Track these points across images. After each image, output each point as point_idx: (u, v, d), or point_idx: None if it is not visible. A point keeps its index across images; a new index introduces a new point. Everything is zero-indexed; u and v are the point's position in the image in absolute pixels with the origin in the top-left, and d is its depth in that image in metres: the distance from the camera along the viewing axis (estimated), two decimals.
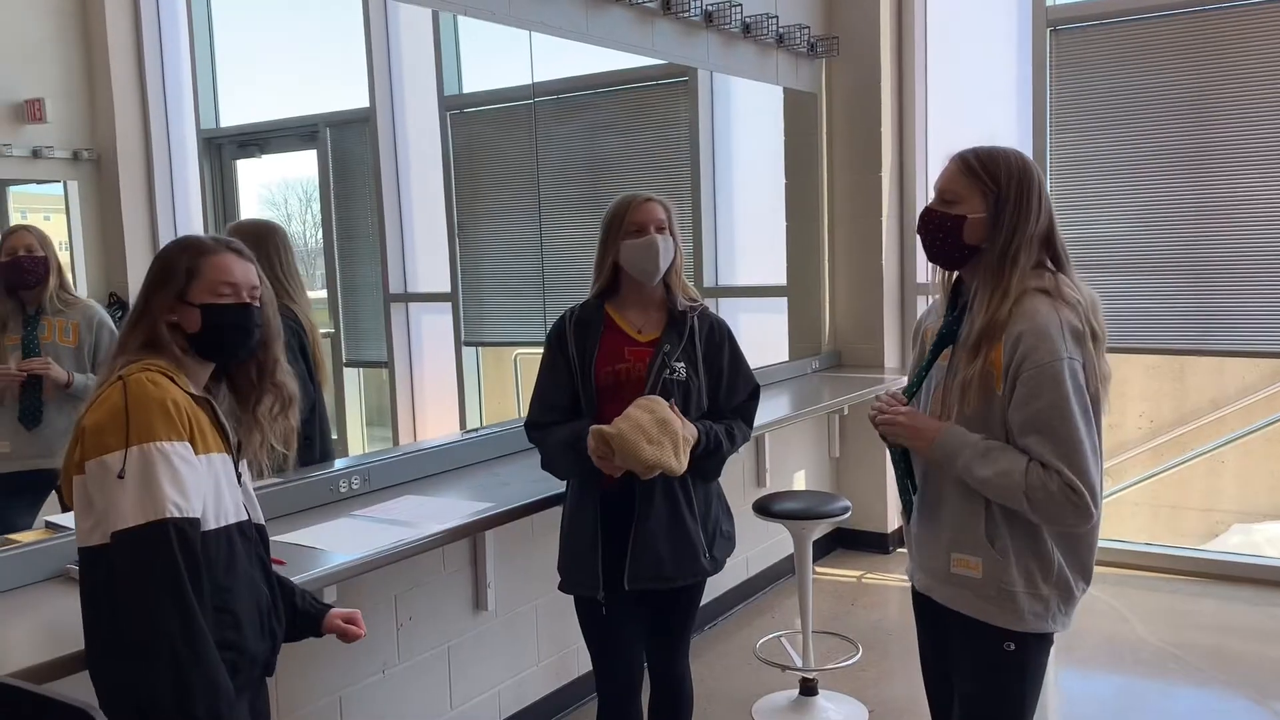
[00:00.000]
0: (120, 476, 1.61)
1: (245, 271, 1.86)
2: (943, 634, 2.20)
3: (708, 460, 2.56)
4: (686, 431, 2.46)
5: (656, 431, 2.39)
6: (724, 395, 2.64)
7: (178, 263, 1.82)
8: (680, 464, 2.42)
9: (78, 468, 1.67)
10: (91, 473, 1.64)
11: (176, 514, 1.64)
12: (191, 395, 1.76)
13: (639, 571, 2.54)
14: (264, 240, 2.95)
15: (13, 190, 4.01)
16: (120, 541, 1.61)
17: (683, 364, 2.57)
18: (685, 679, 2.78)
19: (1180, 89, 4.60)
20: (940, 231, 2.05)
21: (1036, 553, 2.02)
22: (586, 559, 2.58)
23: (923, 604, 2.25)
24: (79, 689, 1.62)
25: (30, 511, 2.50)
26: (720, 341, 2.64)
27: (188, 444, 1.69)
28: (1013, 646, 2.05)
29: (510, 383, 5.32)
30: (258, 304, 1.87)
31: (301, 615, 2.02)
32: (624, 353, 2.59)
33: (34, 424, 2.91)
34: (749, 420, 2.70)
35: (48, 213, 4.22)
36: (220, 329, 1.82)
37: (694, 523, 2.58)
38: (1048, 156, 4.89)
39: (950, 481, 2.07)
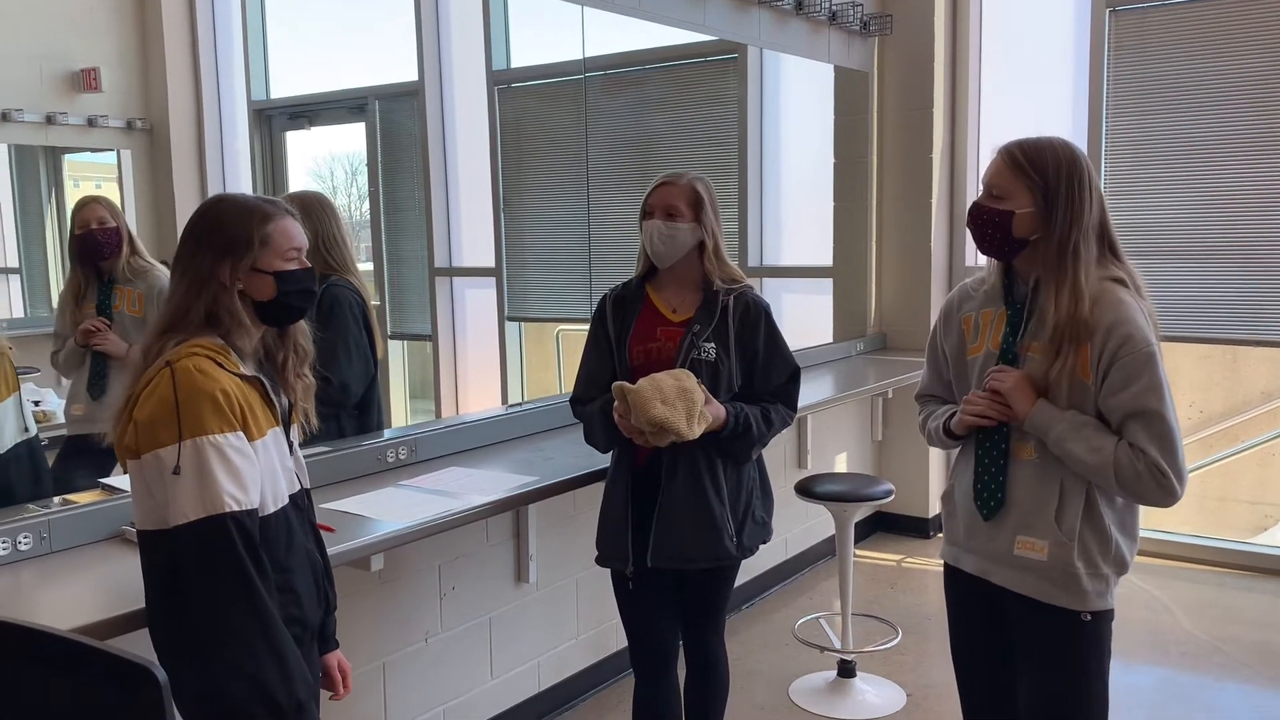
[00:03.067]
0: (175, 472, 1.61)
1: (301, 233, 1.84)
2: (997, 618, 2.19)
3: (737, 442, 2.54)
4: (709, 408, 2.44)
5: (673, 395, 2.38)
6: (759, 377, 2.60)
7: (245, 230, 1.76)
8: (691, 430, 2.39)
9: (131, 453, 1.68)
10: (147, 464, 1.64)
11: (235, 507, 1.64)
12: (241, 376, 1.73)
13: (660, 549, 2.55)
14: (314, 210, 2.96)
15: (68, 158, 4.08)
16: (181, 535, 1.62)
17: (713, 344, 2.54)
18: (719, 659, 2.77)
19: (1243, 73, 4.49)
20: (989, 227, 2.07)
21: (1097, 534, 2.06)
22: (618, 534, 2.61)
23: (969, 587, 2.23)
24: (137, 645, 1.66)
25: (92, 475, 2.55)
26: (755, 322, 2.58)
27: (240, 434, 1.68)
28: (1089, 617, 2.07)
29: (552, 358, 5.34)
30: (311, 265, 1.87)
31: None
32: (656, 332, 2.58)
33: (99, 394, 2.97)
34: (790, 403, 2.66)
35: (100, 181, 4.29)
36: (291, 295, 1.80)
37: (720, 505, 2.55)
38: (1103, 141, 4.80)
39: (1021, 465, 2.10)
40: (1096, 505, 2.06)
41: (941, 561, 2.33)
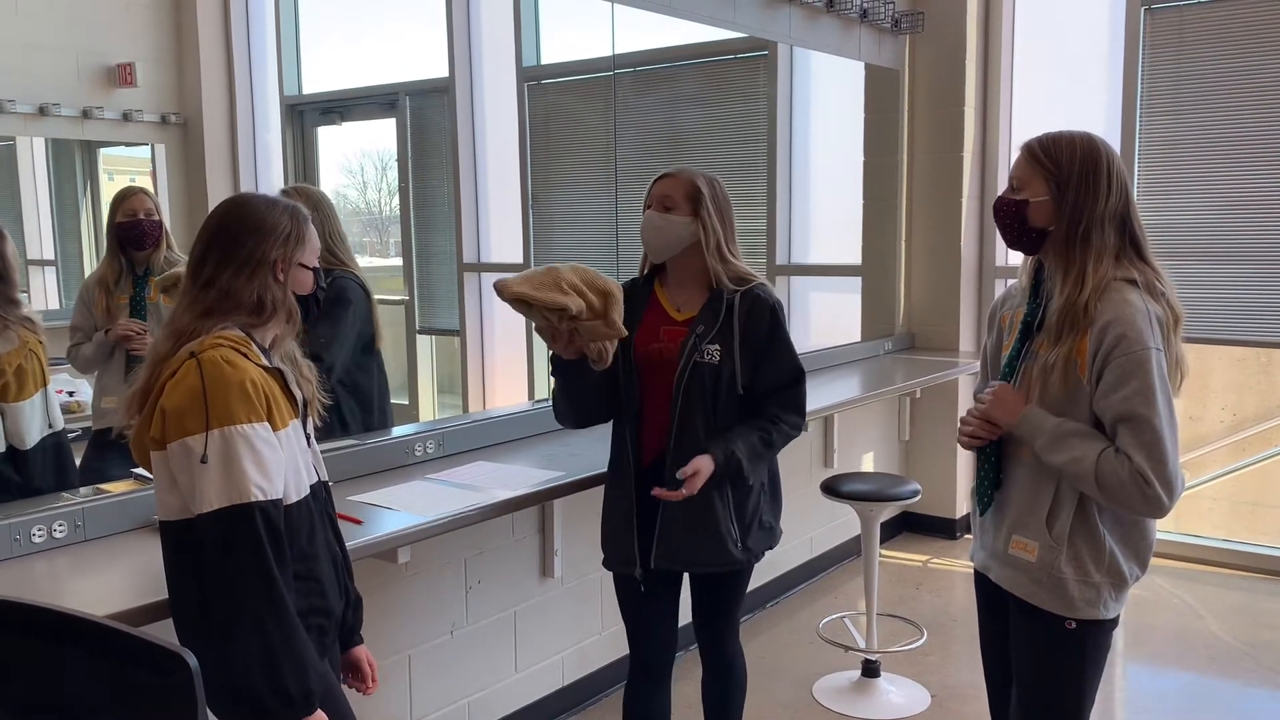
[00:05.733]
0: (203, 461, 1.63)
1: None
2: (1002, 614, 2.21)
3: (730, 479, 2.46)
4: (698, 460, 2.37)
5: (569, 284, 2.27)
6: (759, 377, 2.49)
7: (288, 225, 1.82)
8: (613, 326, 2.28)
9: (156, 443, 1.70)
10: (174, 453, 1.66)
11: (260, 496, 1.66)
12: (264, 367, 1.76)
13: (665, 552, 2.51)
14: (322, 207, 3.00)
15: (103, 152, 4.13)
16: (206, 523, 1.64)
17: (717, 346, 2.45)
18: (735, 660, 2.73)
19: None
20: (1008, 217, 2.08)
21: (1089, 541, 2.04)
22: (623, 537, 2.55)
23: (982, 583, 2.27)
24: (168, 633, 1.68)
25: (125, 465, 2.58)
26: (761, 318, 2.47)
27: (267, 424, 1.70)
28: (1074, 625, 2.05)
29: None
30: None
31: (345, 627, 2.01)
32: (660, 331, 2.51)
33: None
34: (795, 408, 2.53)
35: (134, 174, 4.35)
36: (319, 291, 1.89)
37: (724, 509, 2.49)
38: (1137, 140, 4.75)
39: (1020, 465, 2.10)
40: (1091, 512, 2.03)
41: (967, 564, 2.34)
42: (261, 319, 1.78)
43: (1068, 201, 2.00)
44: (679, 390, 2.45)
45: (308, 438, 1.88)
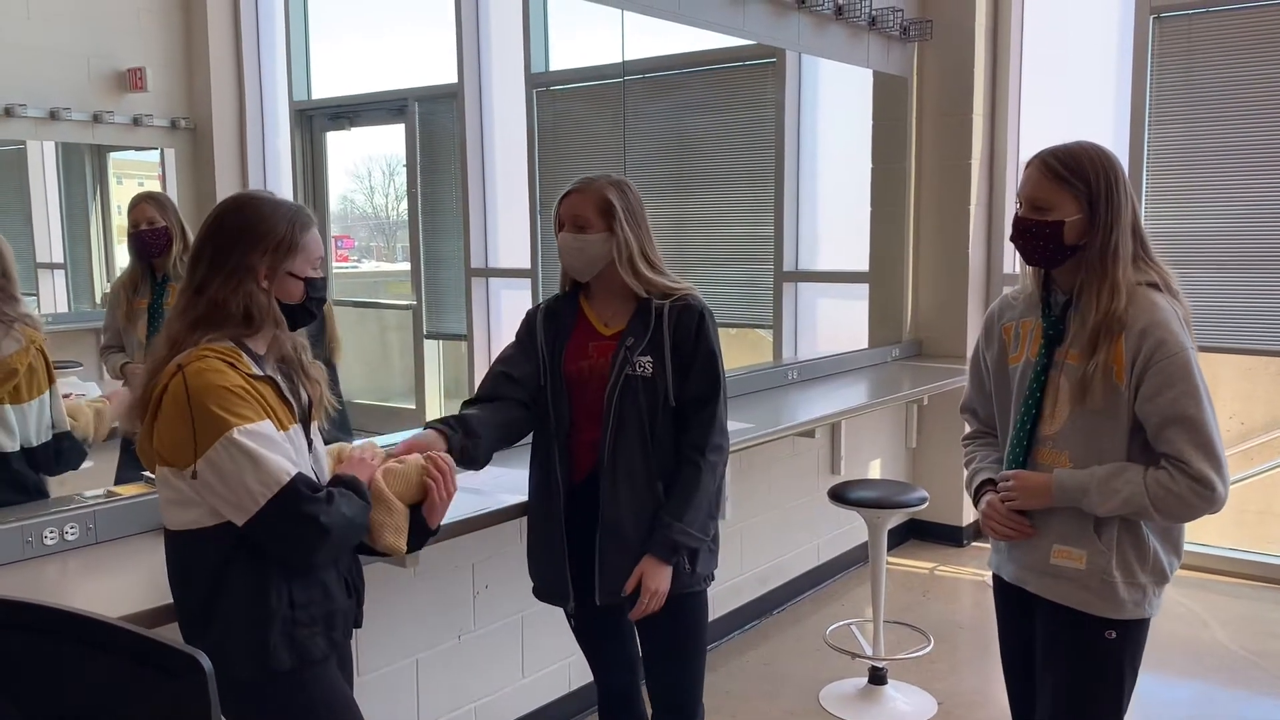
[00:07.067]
0: (227, 466, 1.65)
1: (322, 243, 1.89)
2: (1026, 621, 2.20)
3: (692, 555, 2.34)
4: (647, 563, 2.28)
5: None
6: (680, 382, 2.34)
7: (289, 231, 1.79)
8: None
9: (160, 458, 1.72)
10: (202, 471, 1.67)
11: (293, 470, 1.70)
12: (253, 376, 1.75)
13: (609, 586, 2.33)
14: None
15: (113, 156, 4.15)
16: (265, 517, 1.68)
17: (649, 358, 2.31)
18: (693, 714, 2.46)
19: None
20: (1039, 239, 2.06)
21: (1135, 544, 2.06)
22: (554, 567, 2.41)
23: (1010, 596, 2.25)
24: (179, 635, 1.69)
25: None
26: (690, 326, 2.32)
27: (268, 421, 1.72)
28: (1114, 635, 2.07)
29: None
30: None
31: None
32: (589, 347, 2.38)
33: None
34: (718, 428, 2.34)
35: (143, 179, 4.37)
36: (315, 302, 1.86)
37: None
38: (1145, 149, 4.75)
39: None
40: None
41: (974, 571, 2.34)
42: (251, 329, 1.78)
43: (1099, 217, 2.01)
44: (610, 405, 2.32)
45: (310, 442, 1.88)
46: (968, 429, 2.41)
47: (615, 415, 2.32)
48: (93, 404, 2.68)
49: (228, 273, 1.75)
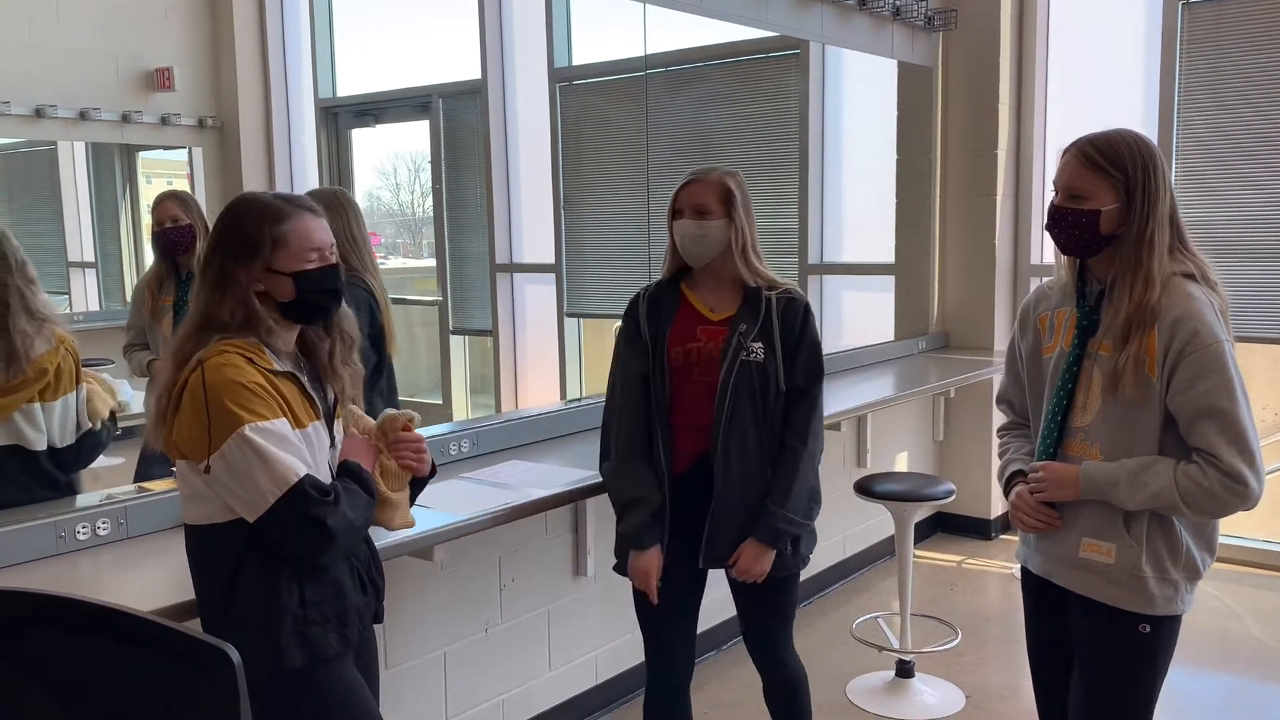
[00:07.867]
0: (238, 462, 1.67)
1: (323, 230, 1.84)
2: (1055, 615, 2.19)
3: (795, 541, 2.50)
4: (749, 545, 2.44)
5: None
6: (788, 375, 2.47)
7: (257, 232, 1.77)
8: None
9: (179, 451, 1.73)
10: (215, 466, 1.68)
11: (303, 471, 1.70)
12: (274, 372, 1.76)
13: (715, 550, 2.47)
14: (335, 207, 2.97)
15: (142, 155, 4.19)
16: (275, 515, 1.69)
17: (760, 344, 2.43)
18: (788, 666, 2.66)
19: None
20: (1076, 228, 2.04)
21: (1167, 539, 2.04)
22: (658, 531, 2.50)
23: (1039, 588, 2.23)
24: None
25: (168, 465, 2.61)
26: (795, 317, 2.47)
27: (284, 420, 1.72)
28: (1148, 629, 2.05)
29: (610, 354, 5.36)
30: (338, 260, 1.87)
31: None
32: (696, 331, 2.48)
33: None
34: (819, 415, 2.50)
35: (171, 178, 4.40)
36: (314, 294, 1.82)
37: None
38: (1174, 137, 4.70)
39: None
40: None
41: (1002, 564, 2.33)
42: (259, 332, 1.77)
43: (1136, 206, 1.99)
44: (725, 389, 2.42)
45: (333, 439, 1.89)
46: (1003, 420, 2.40)
47: (731, 396, 2.42)
48: (96, 377, 2.67)
49: (212, 283, 1.77)
